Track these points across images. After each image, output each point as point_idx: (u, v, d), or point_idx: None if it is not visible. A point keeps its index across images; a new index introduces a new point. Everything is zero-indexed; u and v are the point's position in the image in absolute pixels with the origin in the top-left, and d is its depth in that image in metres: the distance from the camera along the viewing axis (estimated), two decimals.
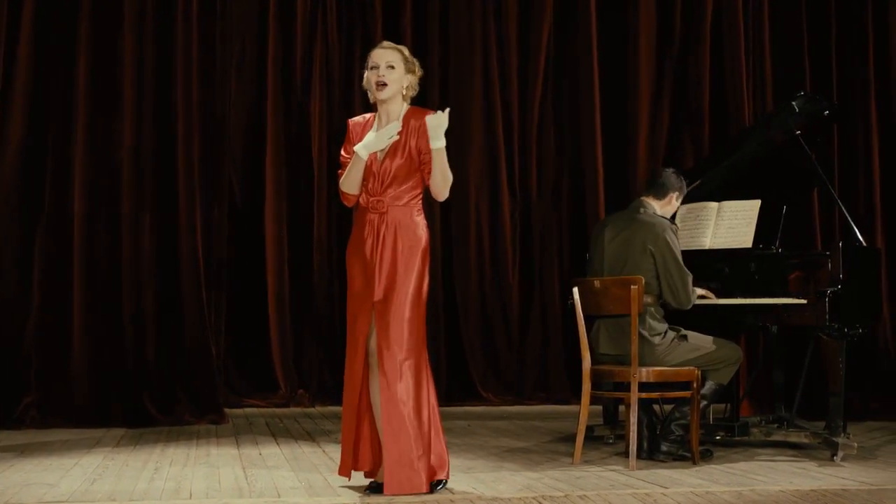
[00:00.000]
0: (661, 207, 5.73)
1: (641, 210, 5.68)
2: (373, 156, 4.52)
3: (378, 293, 4.47)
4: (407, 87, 4.59)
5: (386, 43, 4.65)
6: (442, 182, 4.52)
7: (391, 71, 4.52)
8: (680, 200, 5.83)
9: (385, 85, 4.51)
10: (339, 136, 8.15)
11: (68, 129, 7.16)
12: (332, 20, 8.30)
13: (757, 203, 5.99)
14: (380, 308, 4.47)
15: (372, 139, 4.51)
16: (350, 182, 4.55)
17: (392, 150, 4.53)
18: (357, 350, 4.52)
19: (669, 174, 5.79)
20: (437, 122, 4.46)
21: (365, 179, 4.55)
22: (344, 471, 4.66)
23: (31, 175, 7.13)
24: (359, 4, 8.36)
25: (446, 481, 4.60)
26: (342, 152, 4.66)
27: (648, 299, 5.45)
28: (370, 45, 8.20)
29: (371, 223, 4.52)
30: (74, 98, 7.17)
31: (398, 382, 4.42)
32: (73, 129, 7.15)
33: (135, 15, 7.28)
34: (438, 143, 4.46)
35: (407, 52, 4.61)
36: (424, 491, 4.44)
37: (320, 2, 8.26)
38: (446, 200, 4.84)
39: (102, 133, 7.21)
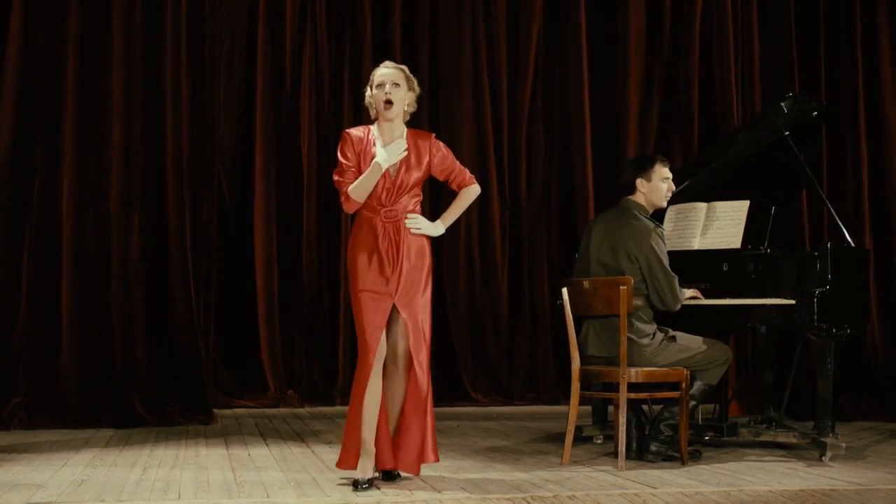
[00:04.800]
0: (643, 198, 5.69)
1: (627, 212, 5.66)
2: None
3: (400, 295, 4.76)
4: (409, 104, 4.88)
5: (389, 63, 4.91)
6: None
7: (396, 89, 4.81)
8: (657, 174, 5.65)
9: (391, 103, 4.79)
10: (329, 137, 8.22)
11: (57, 128, 7.13)
12: (321, 20, 8.29)
13: (746, 204, 6.00)
14: (404, 309, 4.76)
15: (388, 155, 4.76)
16: (363, 191, 4.77)
17: (406, 164, 4.82)
18: (373, 346, 4.71)
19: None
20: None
21: (376, 190, 4.79)
22: (348, 464, 4.81)
23: (19, 175, 7.10)
24: (348, 4, 8.35)
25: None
26: (341, 158, 4.82)
27: (638, 302, 5.45)
28: (360, 45, 8.28)
29: (385, 230, 4.79)
30: (63, 98, 7.14)
31: (423, 375, 4.77)
32: (62, 128, 7.13)
33: (123, 15, 7.26)
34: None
35: (408, 71, 4.88)
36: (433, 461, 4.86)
37: (309, 1, 8.25)
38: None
39: (91, 133, 7.19)
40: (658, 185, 5.69)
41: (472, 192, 5.02)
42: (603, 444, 6.12)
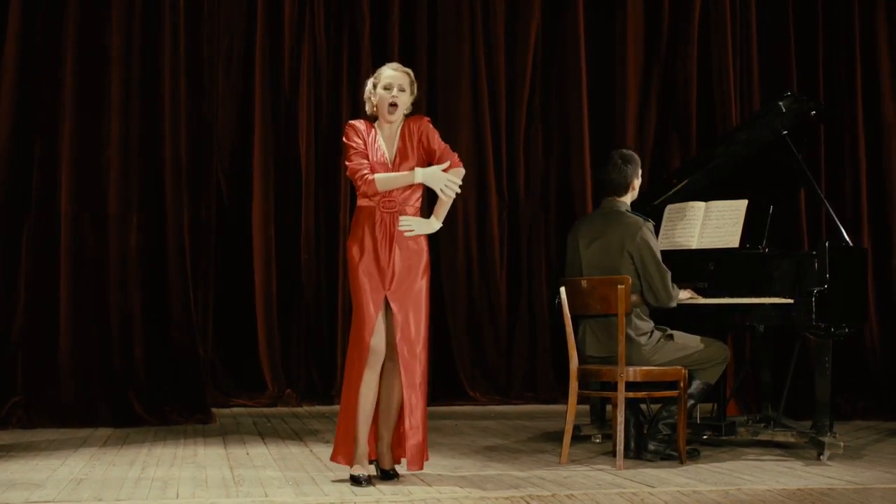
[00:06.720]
0: (629, 198, 5.70)
1: (613, 210, 5.65)
2: (383, 158, 4.89)
3: (393, 287, 4.80)
4: (407, 107, 4.99)
5: (396, 65, 5.00)
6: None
7: (402, 94, 4.93)
8: (640, 176, 5.74)
9: (397, 107, 4.91)
10: (327, 135, 8.23)
11: (55, 128, 7.12)
12: (319, 19, 8.28)
13: (744, 203, 6.00)
14: (397, 302, 4.79)
15: (433, 174, 4.84)
16: (389, 186, 4.83)
17: (402, 154, 4.91)
18: (364, 340, 4.75)
19: (622, 167, 5.65)
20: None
21: None
22: (342, 459, 4.85)
23: (17, 175, 7.09)
24: (347, 3, 8.35)
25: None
26: (349, 143, 4.90)
27: (633, 298, 5.45)
28: (358, 44, 8.27)
29: (382, 221, 4.84)
30: (61, 97, 7.13)
31: (417, 368, 4.81)
32: (60, 128, 7.11)
33: (122, 14, 7.25)
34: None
35: (412, 75, 4.99)
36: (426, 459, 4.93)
37: (308, 1, 8.25)
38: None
39: (89, 132, 7.18)
40: (638, 182, 5.75)
41: (455, 175, 4.92)
42: (601, 444, 6.13)
